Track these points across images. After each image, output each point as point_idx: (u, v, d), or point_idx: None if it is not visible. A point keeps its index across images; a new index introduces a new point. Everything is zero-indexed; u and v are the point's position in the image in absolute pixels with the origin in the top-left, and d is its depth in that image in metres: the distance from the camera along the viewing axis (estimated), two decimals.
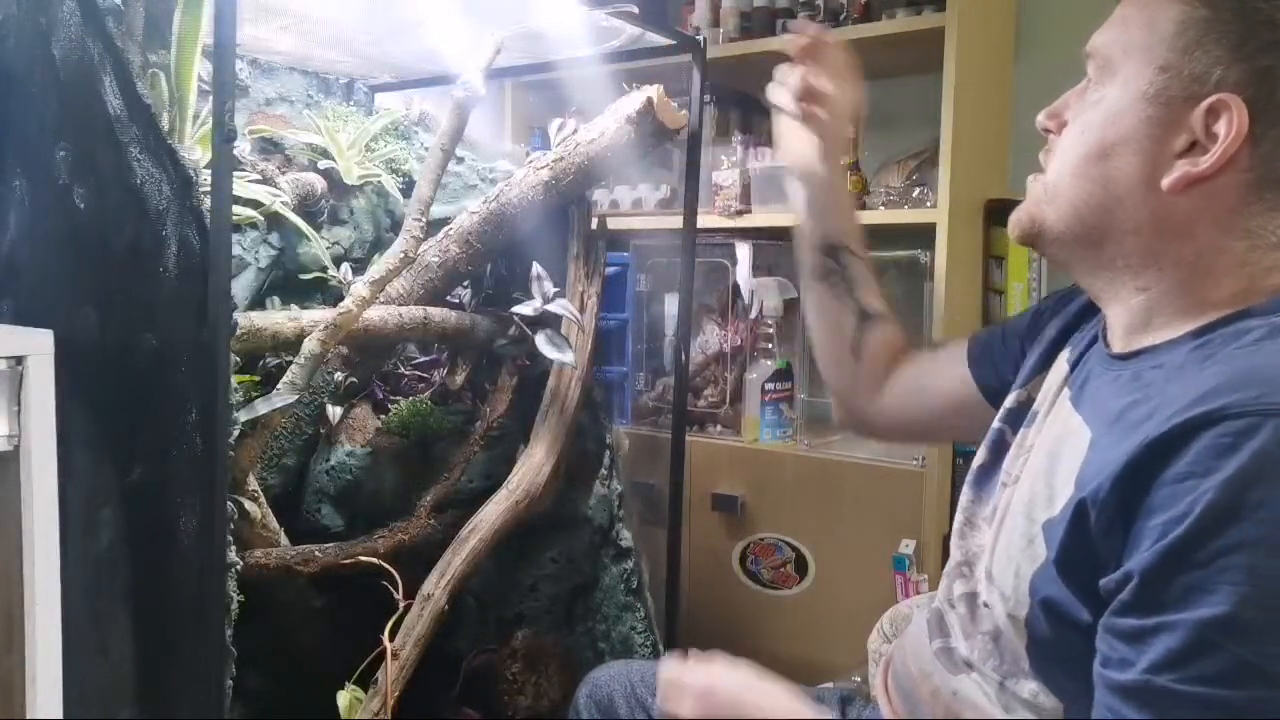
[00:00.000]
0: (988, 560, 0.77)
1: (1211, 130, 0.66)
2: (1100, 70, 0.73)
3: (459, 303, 1.51)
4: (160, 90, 1.03)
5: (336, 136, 1.46)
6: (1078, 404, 0.76)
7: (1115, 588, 0.61)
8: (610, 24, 1.42)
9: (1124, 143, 0.70)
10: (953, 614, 0.81)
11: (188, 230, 0.94)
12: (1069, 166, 0.73)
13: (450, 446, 1.45)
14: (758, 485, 1.85)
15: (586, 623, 1.54)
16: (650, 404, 2.08)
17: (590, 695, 1.08)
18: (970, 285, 1.85)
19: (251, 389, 1.19)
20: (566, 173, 1.42)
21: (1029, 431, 0.82)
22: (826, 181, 1.06)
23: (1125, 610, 0.60)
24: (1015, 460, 0.82)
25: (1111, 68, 0.72)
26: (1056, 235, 0.76)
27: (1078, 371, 0.80)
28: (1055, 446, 0.74)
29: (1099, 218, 0.72)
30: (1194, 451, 0.58)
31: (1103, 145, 0.71)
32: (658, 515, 1.65)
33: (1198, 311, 0.69)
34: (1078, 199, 0.73)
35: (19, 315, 1.05)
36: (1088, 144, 0.72)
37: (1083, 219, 0.73)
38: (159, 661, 1.01)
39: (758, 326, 1.96)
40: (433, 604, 1.26)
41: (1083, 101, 0.74)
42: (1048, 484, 0.71)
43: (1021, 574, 0.70)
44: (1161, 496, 0.59)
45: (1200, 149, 0.67)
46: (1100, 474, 0.63)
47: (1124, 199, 0.70)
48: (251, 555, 1.16)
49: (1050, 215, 0.75)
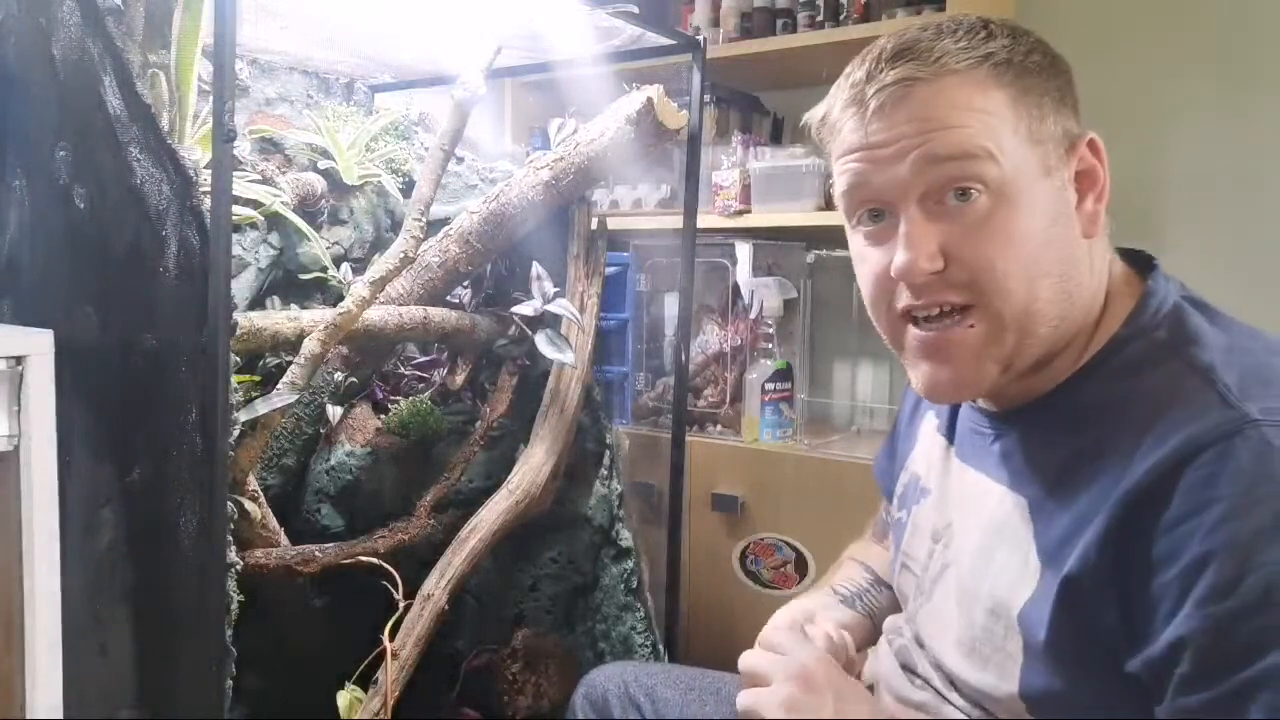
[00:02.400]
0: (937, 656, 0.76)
1: (1090, 164, 0.69)
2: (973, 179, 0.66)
3: (459, 303, 1.50)
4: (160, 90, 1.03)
5: (336, 136, 1.46)
6: (984, 470, 0.74)
7: (1162, 665, 0.57)
8: (610, 24, 1.42)
9: (1053, 223, 0.67)
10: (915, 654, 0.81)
11: (188, 230, 0.94)
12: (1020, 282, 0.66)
13: (450, 446, 1.45)
14: (758, 485, 1.85)
15: (586, 623, 1.54)
16: (650, 404, 2.08)
17: (586, 696, 1.08)
18: None
19: (251, 389, 1.19)
20: (566, 173, 1.42)
21: (920, 509, 0.83)
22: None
23: (1193, 685, 0.56)
24: (913, 539, 0.82)
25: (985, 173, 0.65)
26: (1031, 356, 0.69)
27: (958, 438, 0.80)
28: (986, 528, 0.72)
29: (1064, 303, 0.68)
30: (1180, 493, 0.57)
31: (1041, 239, 0.66)
32: (658, 515, 1.65)
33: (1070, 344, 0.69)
34: (1045, 303, 0.67)
35: (19, 315, 1.05)
36: (1029, 247, 0.66)
37: (1055, 317, 0.68)
38: (159, 661, 1.01)
39: (758, 326, 1.96)
40: (433, 604, 1.26)
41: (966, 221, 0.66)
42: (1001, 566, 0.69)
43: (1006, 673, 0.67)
44: (1163, 547, 0.58)
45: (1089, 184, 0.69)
46: (1076, 540, 0.62)
47: (1077, 268, 0.69)
48: (251, 555, 1.16)
49: (1017, 344, 0.67)
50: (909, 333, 0.71)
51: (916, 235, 0.67)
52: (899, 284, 0.69)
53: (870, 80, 0.68)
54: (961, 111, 0.65)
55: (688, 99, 1.49)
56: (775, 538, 1.81)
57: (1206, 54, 1.83)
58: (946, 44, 0.67)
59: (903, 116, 0.66)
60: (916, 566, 0.82)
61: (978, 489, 0.75)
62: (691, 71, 1.51)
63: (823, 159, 1.89)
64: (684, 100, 1.47)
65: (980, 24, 0.69)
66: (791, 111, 2.25)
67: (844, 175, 0.71)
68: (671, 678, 1.05)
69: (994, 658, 0.69)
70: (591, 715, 1.06)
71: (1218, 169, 1.84)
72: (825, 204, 1.88)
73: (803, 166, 1.89)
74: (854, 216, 0.73)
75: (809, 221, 1.89)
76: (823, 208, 1.88)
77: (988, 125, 0.65)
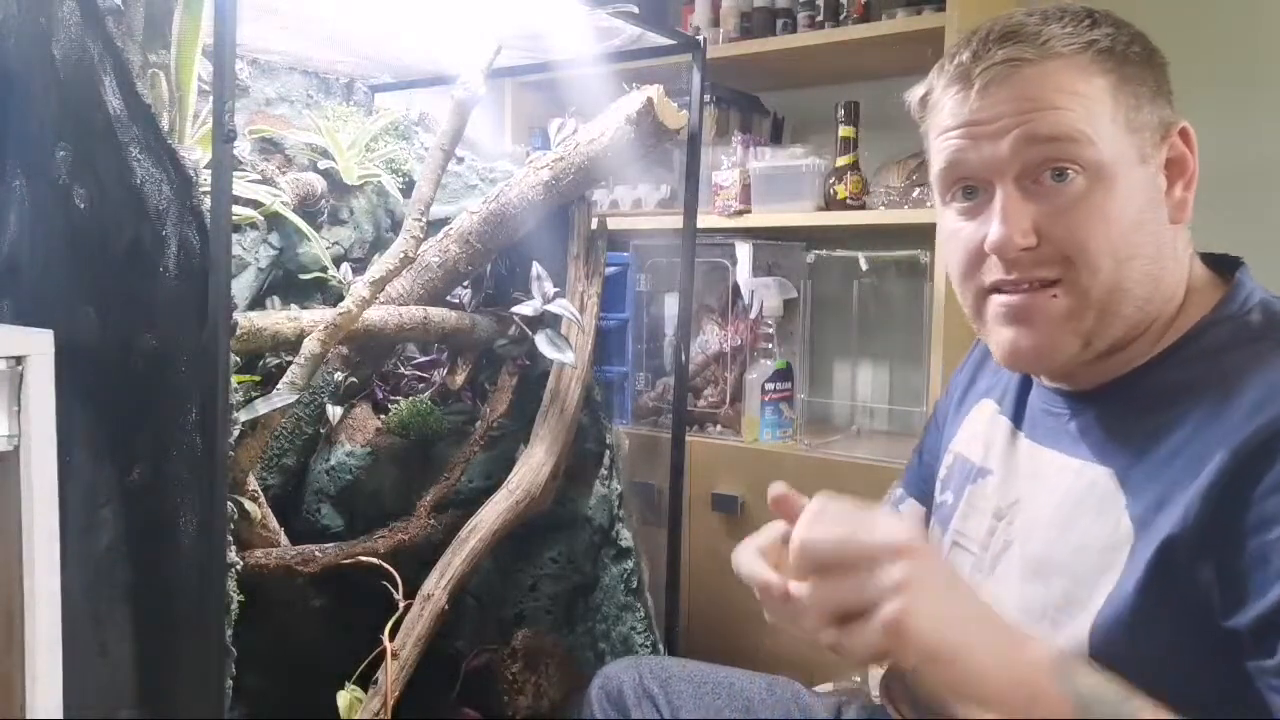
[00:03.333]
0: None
1: (1181, 152, 0.71)
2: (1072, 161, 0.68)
3: (459, 303, 1.50)
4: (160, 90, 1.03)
5: (336, 136, 1.46)
6: (1061, 448, 0.76)
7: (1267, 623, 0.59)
8: (610, 24, 1.42)
9: (1145, 207, 0.70)
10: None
11: (188, 230, 0.94)
12: (1111, 260, 0.68)
13: (450, 446, 1.45)
14: (758, 485, 1.84)
15: (586, 623, 1.54)
16: (650, 404, 2.08)
17: (602, 688, 1.08)
18: None
19: (251, 389, 1.19)
20: (566, 173, 1.42)
21: (977, 489, 0.83)
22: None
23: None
24: (969, 519, 0.83)
25: (1083, 155, 0.68)
26: (1112, 335, 0.71)
27: (1028, 420, 0.81)
28: (1065, 501, 0.73)
29: (1150, 285, 0.70)
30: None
31: (1134, 220, 0.69)
32: (658, 515, 1.65)
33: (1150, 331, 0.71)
34: (1133, 284, 0.69)
35: (19, 315, 1.05)
36: (1120, 228, 0.69)
37: (1141, 298, 0.70)
38: (159, 661, 1.01)
39: (758, 326, 1.96)
40: (433, 604, 1.26)
41: (1060, 201, 0.69)
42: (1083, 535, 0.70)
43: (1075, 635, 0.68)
44: (1267, 509, 0.59)
45: (1178, 172, 0.71)
46: (1170, 505, 0.63)
47: (1163, 251, 0.71)
48: (251, 555, 1.16)
49: (1098, 320, 0.70)
50: (991, 301, 0.74)
51: (1012, 211, 0.69)
52: (989, 258, 0.72)
53: (976, 60, 0.70)
54: (1065, 95, 0.68)
55: (688, 99, 1.49)
56: None
57: (1207, 54, 1.83)
58: (1054, 29, 0.70)
59: (1006, 95, 0.69)
60: (974, 545, 0.82)
61: (1053, 466, 0.76)
62: (691, 71, 1.51)
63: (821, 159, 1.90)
64: (684, 100, 1.47)
65: (1085, 13, 0.72)
66: (791, 111, 2.25)
67: (942, 152, 0.74)
68: (686, 672, 1.06)
69: (1061, 620, 0.70)
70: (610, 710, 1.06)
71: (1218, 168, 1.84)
72: (825, 204, 1.88)
73: (803, 166, 1.89)
74: (948, 193, 0.75)
75: (809, 221, 1.88)
76: (823, 208, 1.88)
77: (1088, 109, 0.68)
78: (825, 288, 2.07)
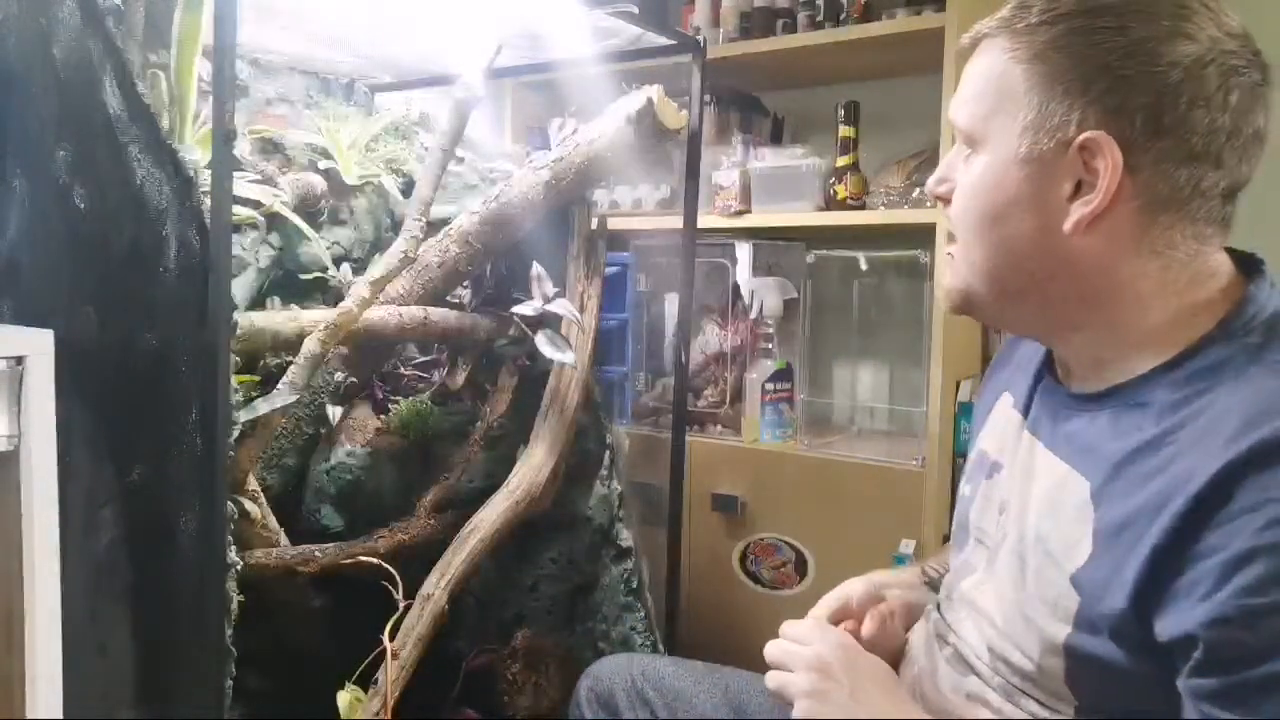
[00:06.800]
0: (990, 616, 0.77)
1: (1092, 166, 0.68)
2: (969, 141, 0.74)
3: (459, 303, 1.50)
4: (160, 90, 1.03)
5: (336, 136, 1.46)
6: (1052, 448, 0.76)
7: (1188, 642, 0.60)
8: (610, 24, 1.42)
9: (1012, 204, 0.71)
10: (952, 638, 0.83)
11: (188, 230, 0.94)
12: (970, 235, 0.74)
13: (450, 446, 1.45)
14: (758, 485, 1.85)
15: (586, 623, 1.54)
16: (650, 404, 2.08)
17: (591, 689, 1.07)
18: None
19: (251, 389, 1.19)
20: (566, 173, 1.42)
21: (991, 483, 0.84)
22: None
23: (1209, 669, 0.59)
24: (984, 513, 0.83)
25: (978, 138, 0.73)
26: (984, 301, 0.76)
27: (1033, 414, 0.81)
28: (1046, 499, 0.74)
29: (1014, 276, 0.73)
30: (1243, 490, 0.59)
31: (994, 211, 0.72)
32: (658, 515, 1.65)
33: (1149, 343, 0.70)
34: (988, 264, 0.74)
35: (19, 315, 1.05)
36: (979, 212, 0.73)
37: (1000, 279, 0.74)
38: (159, 661, 1.01)
39: (758, 326, 1.96)
40: (433, 604, 1.26)
41: (967, 167, 0.75)
42: (1058, 537, 0.71)
43: (1046, 632, 0.70)
44: (1214, 539, 0.60)
45: (1088, 186, 0.68)
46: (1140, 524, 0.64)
47: (1031, 253, 0.72)
48: (251, 555, 1.16)
49: (973, 283, 0.76)
50: None
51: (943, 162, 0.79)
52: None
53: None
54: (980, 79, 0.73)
55: (688, 99, 1.49)
56: (775, 538, 1.82)
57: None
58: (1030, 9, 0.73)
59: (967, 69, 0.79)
60: (987, 539, 0.83)
61: (1044, 464, 0.76)
62: (691, 71, 1.51)
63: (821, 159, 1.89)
64: (684, 100, 1.47)
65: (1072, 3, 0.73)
66: (791, 111, 2.24)
67: None
68: (681, 670, 1.05)
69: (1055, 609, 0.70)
70: (598, 709, 1.05)
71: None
72: (825, 204, 1.88)
73: (803, 166, 1.89)
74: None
75: (809, 221, 1.88)
76: (823, 208, 1.88)
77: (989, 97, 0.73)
78: (825, 288, 2.07)
